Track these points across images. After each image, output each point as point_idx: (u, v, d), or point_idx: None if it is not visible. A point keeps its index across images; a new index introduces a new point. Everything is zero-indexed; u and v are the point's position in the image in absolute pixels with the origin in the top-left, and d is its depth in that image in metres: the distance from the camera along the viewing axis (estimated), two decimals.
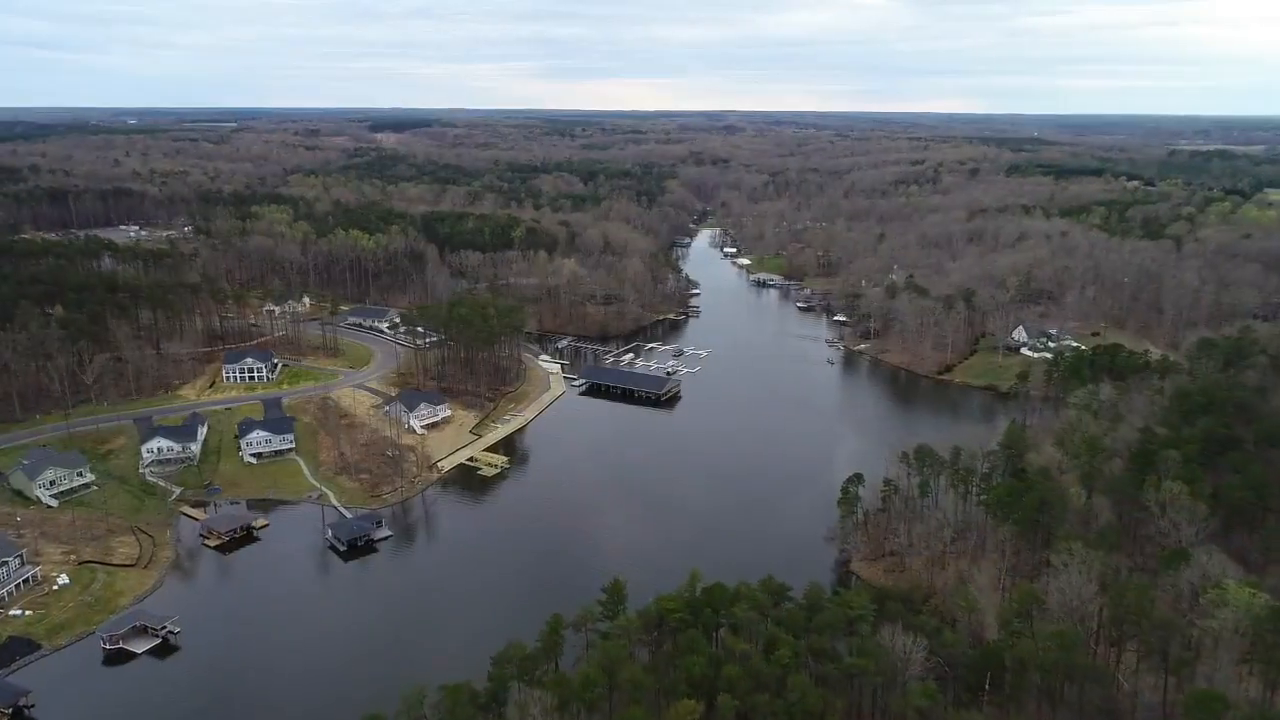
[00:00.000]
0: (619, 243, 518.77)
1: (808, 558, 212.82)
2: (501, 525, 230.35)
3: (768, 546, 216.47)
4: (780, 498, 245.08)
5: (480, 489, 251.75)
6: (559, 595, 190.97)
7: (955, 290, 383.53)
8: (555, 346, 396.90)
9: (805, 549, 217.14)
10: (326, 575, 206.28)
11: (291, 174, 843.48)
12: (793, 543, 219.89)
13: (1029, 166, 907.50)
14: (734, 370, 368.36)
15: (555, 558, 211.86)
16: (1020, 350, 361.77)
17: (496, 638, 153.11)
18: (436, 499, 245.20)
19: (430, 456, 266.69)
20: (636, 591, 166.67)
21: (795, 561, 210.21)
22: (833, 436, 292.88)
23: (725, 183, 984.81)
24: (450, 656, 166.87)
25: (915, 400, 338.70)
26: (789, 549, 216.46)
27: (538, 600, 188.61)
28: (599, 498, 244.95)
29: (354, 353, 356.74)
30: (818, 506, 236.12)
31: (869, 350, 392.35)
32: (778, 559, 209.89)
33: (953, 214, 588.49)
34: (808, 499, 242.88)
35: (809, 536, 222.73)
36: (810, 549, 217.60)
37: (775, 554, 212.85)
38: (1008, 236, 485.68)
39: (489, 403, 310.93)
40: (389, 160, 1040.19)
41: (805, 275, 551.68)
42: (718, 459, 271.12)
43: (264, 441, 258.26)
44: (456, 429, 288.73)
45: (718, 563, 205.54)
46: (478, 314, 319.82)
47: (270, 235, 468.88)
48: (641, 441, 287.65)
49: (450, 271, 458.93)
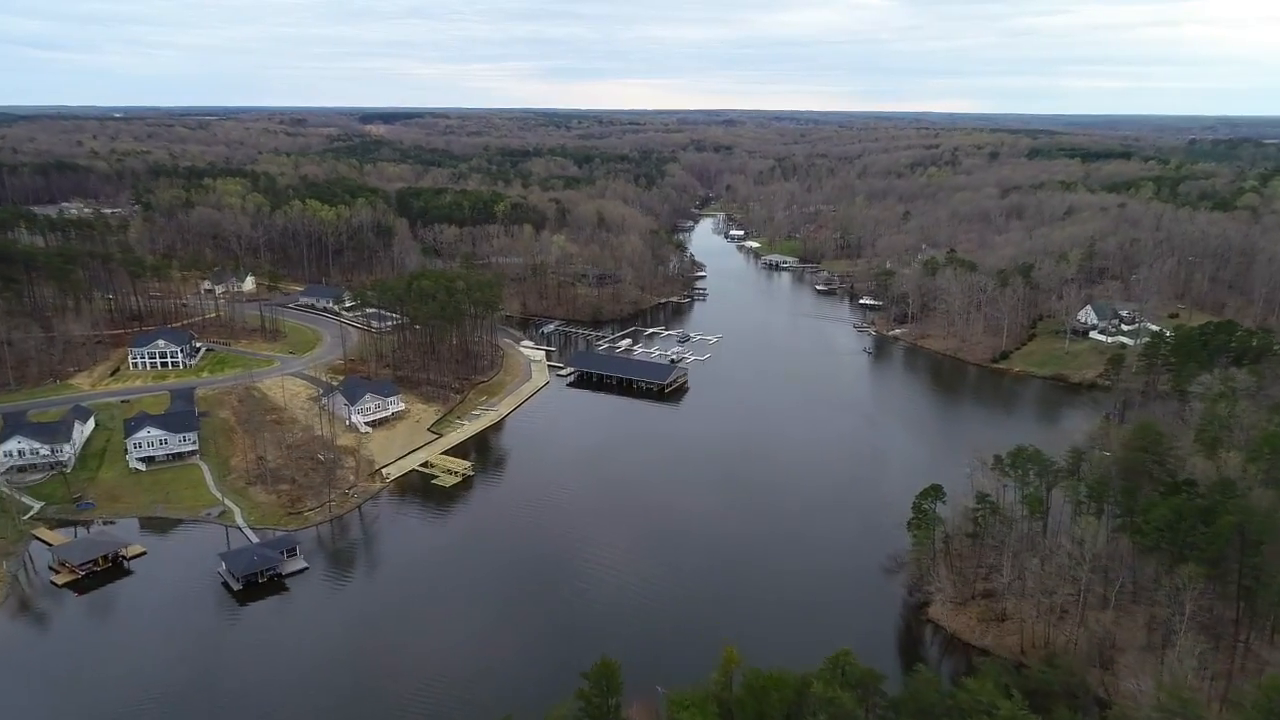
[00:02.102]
0: (615, 219, 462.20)
1: (867, 601, 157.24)
2: (458, 555, 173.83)
3: (811, 585, 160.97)
4: (820, 517, 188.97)
5: (436, 503, 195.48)
6: (524, 670, 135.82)
7: (1009, 264, 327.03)
8: (540, 331, 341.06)
9: (861, 588, 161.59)
10: (207, 628, 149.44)
11: (263, 154, 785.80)
12: (844, 580, 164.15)
13: (1051, 150, 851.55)
14: (750, 358, 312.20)
15: (526, 606, 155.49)
16: (1089, 334, 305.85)
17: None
18: (377, 517, 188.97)
19: (374, 461, 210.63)
20: (638, 668, 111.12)
21: (850, 607, 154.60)
22: (879, 438, 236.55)
23: (729, 168, 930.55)
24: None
25: (970, 393, 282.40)
26: (840, 589, 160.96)
27: (494, 680, 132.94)
28: (587, 517, 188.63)
29: (299, 336, 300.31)
30: (870, 529, 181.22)
31: (906, 336, 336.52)
32: (827, 605, 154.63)
33: (983, 191, 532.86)
34: (856, 519, 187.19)
35: (863, 570, 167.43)
36: (868, 587, 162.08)
37: (822, 597, 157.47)
38: (1054, 210, 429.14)
39: (455, 395, 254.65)
40: (372, 145, 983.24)
41: (822, 258, 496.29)
42: (737, 466, 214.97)
43: (158, 442, 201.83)
44: (411, 426, 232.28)
45: (747, 614, 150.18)
46: (442, 287, 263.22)
47: (219, 208, 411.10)
48: (641, 443, 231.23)
49: (422, 248, 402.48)
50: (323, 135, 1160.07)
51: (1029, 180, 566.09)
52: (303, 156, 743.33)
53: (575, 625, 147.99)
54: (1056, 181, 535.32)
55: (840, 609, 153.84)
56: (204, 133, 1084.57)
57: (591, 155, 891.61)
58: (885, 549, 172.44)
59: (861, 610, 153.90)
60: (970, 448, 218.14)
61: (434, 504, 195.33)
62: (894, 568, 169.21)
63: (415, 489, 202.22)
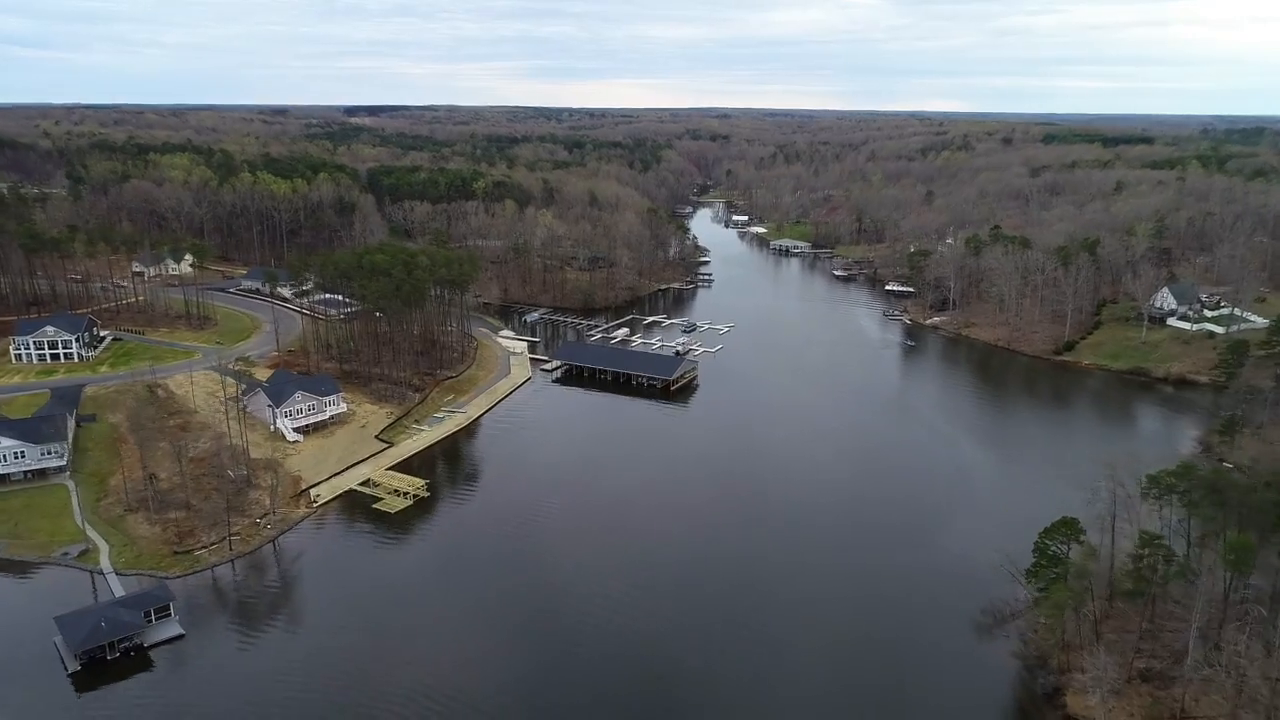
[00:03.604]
0: (609, 198, 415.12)
1: (961, 679, 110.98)
2: (402, 608, 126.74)
3: (878, 656, 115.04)
4: (880, 554, 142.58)
5: (376, 534, 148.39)
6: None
7: (1069, 241, 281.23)
8: (523, 320, 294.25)
9: (950, 658, 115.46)
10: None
11: (228, 137, 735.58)
12: (923, 646, 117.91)
13: (1067, 135, 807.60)
14: (768, 351, 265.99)
15: (486, 705, 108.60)
16: (1166, 321, 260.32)
17: None
18: (299, 555, 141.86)
19: (300, 478, 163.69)
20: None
21: (937, 689, 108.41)
22: (944, 450, 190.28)
23: (726, 155, 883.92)
24: None
25: (1037, 393, 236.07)
26: (919, 659, 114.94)
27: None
28: (574, 557, 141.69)
29: (232, 325, 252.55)
30: (952, 571, 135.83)
31: (947, 325, 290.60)
32: (900, 686, 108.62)
33: (1011, 170, 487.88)
34: (929, 557, 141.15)
35: (949, 631, 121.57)
36: (959, 657, 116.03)
37: (893, 673, 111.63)
38: (1101, 185, 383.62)
39: (414, 394, 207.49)
40: (352, 130, 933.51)
41: (837, 242, 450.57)
42: (768, 486, 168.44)
43: (12, 456, 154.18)
44: (354, 433, 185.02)
45: (789, 699, 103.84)
46: (400, 261, 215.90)
47: (159, 183, 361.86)
48: (643, 453, 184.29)
49: (391, 227, 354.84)
50: (302, 124, 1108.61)
51: (1056, 160, 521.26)
52: (273, 140, 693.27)
53: (558, 706, 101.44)
54: (1090, 161, 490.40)
55: (923, 693, 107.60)
56: (175, 119, 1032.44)
57: (583, 141, 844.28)
58: (977, 598, 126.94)
59: (954, 695, 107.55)
60: (1062, 462, 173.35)
61: (376, 534, 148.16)
62: (992, 624, 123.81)
63: (353, 514, 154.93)
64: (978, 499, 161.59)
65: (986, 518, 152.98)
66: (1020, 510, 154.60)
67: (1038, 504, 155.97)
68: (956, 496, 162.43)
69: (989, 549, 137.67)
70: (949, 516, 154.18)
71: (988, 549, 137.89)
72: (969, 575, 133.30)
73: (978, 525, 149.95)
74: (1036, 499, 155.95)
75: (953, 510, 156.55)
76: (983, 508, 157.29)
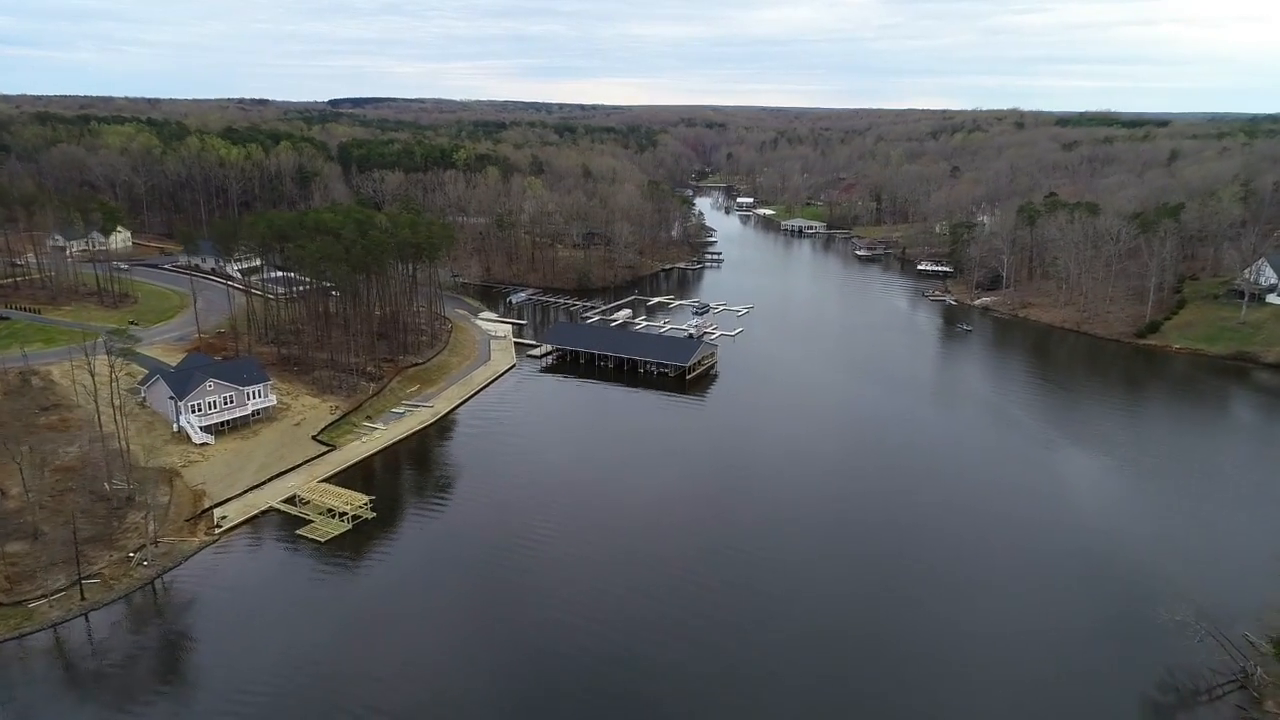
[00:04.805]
0: (604, 171, 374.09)
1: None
2: (319, 696, 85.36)
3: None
4: (998, 600, 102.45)
5: (298, 572, 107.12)
6: None
7: (1144, 207, 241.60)
8: (508, 301, 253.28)
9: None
10: None
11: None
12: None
13: (1079, 118, 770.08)
14: (799, 335, 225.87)
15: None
16: (1266, 298, 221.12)
17: None
18: (189, 603, 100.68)
19: (204, 493, 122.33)
20: None
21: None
22: (1040, 456, 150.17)
23: (725, 141, 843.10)
24: None
25: (1135, 383, 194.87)
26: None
27: None
28: (568, 595, 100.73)
29: (155, 303, 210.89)
30: (1104, 623, 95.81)
31: (1000, 305, 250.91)
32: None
33: (1040, 146, 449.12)
34: (1068, 603, 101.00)
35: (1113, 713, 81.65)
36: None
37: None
38: (1155, 155, 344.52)
39: (370, 383, 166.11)
40: (331, 114, 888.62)
41: (854, 222, 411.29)
42: (835, 510, 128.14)
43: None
44: (285, 433, 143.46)
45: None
46: (353, 221, 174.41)
47: (91, 149, 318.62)
48: (657, 462, 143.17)
49: (358, 198, 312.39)
50: (280, 112, 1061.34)
51: (1086, 137, 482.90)
52: (245, 123, 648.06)
53: None
54: (1124, 135, 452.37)
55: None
56: (147, 106, 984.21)
57: (575, 126, 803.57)
58: (1148, 664, 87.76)
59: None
60: (1220, 475, 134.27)
61: (297, 573, 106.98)
62: (1175, 704, 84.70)
63: (268, 544, 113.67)
64: (1112, 524, 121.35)
65: (1136, 550, 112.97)
66: (1190, 543, 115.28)
67: (1218, 537, 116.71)
68: (1082, 520, 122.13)
69: (1158, 596, 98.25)
70: (1080, 547, 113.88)
71: (1156, 596, 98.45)
72: (1133, 632, 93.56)
73: (1128, 560, 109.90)
74: (1214, 531, 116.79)
75: (1091, 540, 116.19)
76: (1127, 537, 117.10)
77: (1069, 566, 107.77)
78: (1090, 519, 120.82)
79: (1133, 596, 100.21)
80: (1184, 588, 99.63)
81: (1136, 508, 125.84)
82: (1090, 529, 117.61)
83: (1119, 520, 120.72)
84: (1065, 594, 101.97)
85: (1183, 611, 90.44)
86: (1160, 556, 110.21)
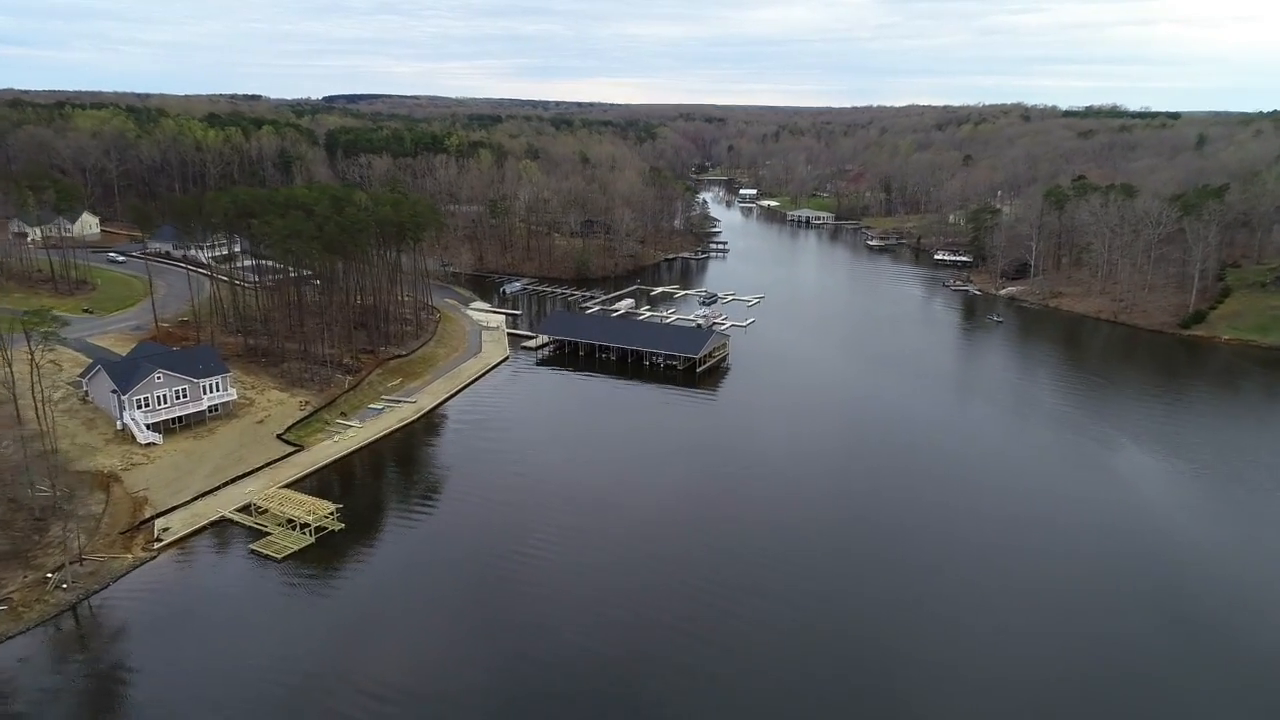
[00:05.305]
0: (603, 158, 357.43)
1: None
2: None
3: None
4: (1134, 650, 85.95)
5: (251, 595, 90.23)
6: None
7: (1183, 189, 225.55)
8: (502, 291, 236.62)
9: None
10: None
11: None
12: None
13: (1087, 112, 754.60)
14: (815, 327, 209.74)
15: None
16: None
17: None
18: (119, 631, 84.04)
19: (147, 501, 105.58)
20: None
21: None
22: (1106, 459, 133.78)
23: (724, 135, 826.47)
24: None
25: (1189, 378, 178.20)
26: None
27: None
28: (573, 621, 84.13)
29: (116, 290, 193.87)
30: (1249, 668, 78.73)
31: (1027, 295, 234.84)
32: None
33: (1055, 135, 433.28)
34: (1204, 641, 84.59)
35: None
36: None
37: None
38: (1181, 140, 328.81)
39: (346, 376, 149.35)
40: (323, 109, 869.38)
41: (864, 212, 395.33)
42: (889, 526, 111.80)
43: None
44: (246, 431, 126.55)
45: None
46: (327, 196, 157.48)
47: (60, 131, 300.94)
48: (664, 462, 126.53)
49: (344, 185, 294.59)
50: (272, 106, 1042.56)
51: (1101, 126, 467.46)
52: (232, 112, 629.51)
53: None
54: (1142, 124, 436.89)
55: None
56: (137, 100, 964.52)
57: (571, 120, 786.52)
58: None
59: None
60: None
61: (251, 593, 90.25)
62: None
63: (216, 561, 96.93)
64: (1202, 535, 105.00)
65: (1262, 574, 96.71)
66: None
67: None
68: (1176, 533, 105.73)
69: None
70: (1197, 571, 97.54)
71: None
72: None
73: (1251, 586, 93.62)
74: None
75: (1194, 559, 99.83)
76: (1246, 559, 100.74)
77: (1183, 587, 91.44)
78: (1180, 531, 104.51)
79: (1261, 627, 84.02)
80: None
81: (1224, 518, 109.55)
82: (1182, 543, 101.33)
83: (1209, 531, 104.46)
84: (1188, 618, 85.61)
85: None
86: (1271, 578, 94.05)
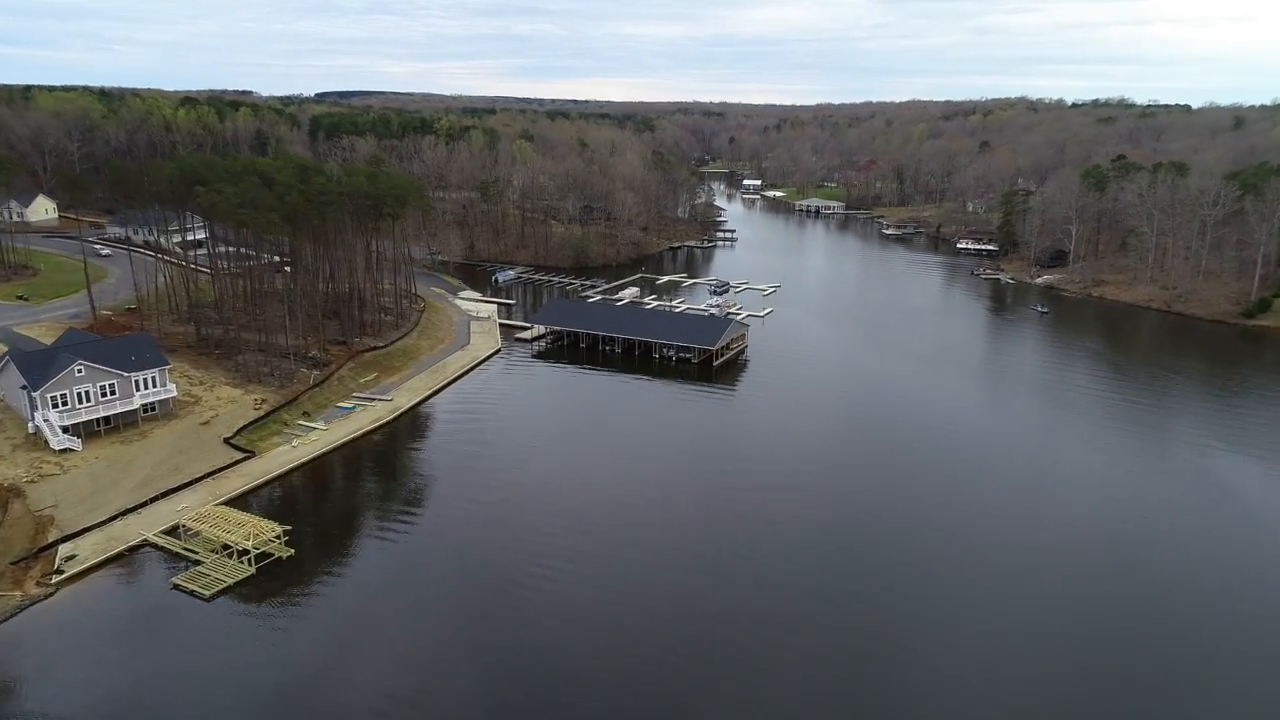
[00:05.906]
0: (602, 142, 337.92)
1: None
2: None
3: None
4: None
5: (169, 646, 70.30)
6: None
7: (1236, 168, 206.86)
8: (494, 280, 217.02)
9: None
10: None
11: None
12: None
13: (1094, 105, 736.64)
14: (839, 317, 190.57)
15: None
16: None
17: None
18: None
19: (52, 520, 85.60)
20: None
21: None
22: (1231, 479, 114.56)
23: (724, 129, 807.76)
24: None
25: (1268, 372, 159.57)
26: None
27: None
28: (581, 667, 64.32)
29: (62, 276, 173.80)
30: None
31: (1067, 283, 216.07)
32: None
33: (1073, 121, 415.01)
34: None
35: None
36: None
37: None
38: (1216, 122, 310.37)
39: (313, 370, 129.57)
40: (309, 101, 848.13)
41: (875, 202, 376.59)
42: (959, 558, 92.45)
43: None
44: (186, 434, 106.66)
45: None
46: (288, 168, 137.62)
47: (19, 112, 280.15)
48: (686, 476, 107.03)
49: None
50: (262, 100, 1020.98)
51: (1120, 114, 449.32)
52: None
53: None
54: (1164, 111, 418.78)
55: None
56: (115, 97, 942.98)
57: (568, 113, 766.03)
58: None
59: None
60: None
61: (170, 643, 70.37)
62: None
63: (130, 596, 77.12)
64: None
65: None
66: None
67: None
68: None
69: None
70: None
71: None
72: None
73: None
74: None
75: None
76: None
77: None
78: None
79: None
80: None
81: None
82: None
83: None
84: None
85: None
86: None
